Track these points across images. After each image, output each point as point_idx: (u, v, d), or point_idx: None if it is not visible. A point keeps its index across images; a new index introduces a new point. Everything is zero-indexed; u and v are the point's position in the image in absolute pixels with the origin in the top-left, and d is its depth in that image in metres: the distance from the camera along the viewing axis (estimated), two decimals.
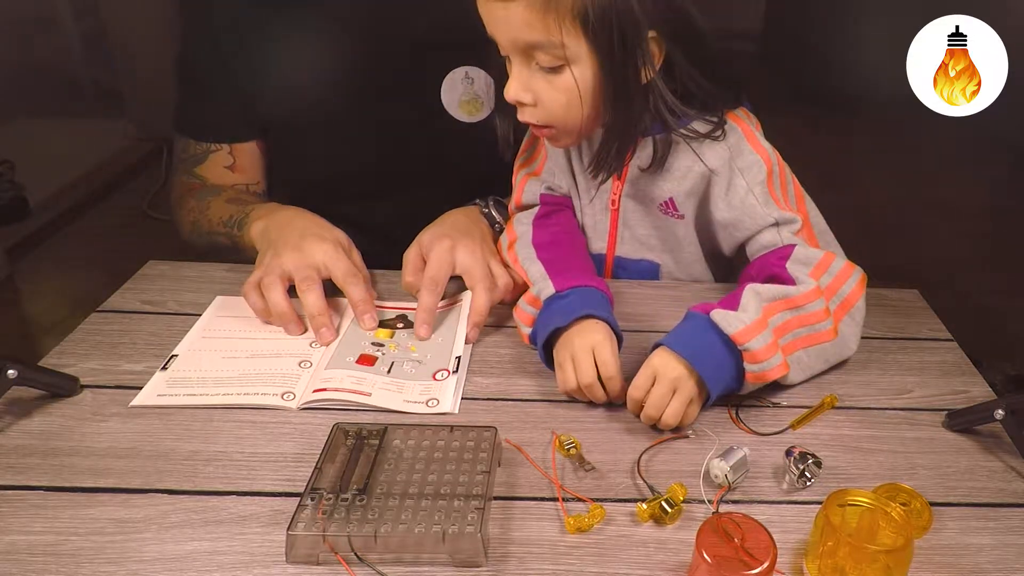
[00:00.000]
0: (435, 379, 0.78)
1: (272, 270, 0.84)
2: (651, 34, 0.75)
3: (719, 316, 0.73)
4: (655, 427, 0.72)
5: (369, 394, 0.75)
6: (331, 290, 0.86)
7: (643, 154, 0.86)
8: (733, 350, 0.72)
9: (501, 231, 0.97)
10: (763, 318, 0.74)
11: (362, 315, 0.84)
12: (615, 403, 0.75)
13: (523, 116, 0.81)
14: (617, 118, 0.79)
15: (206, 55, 1.01)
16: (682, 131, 0.83)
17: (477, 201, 0.99)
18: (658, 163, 0.85)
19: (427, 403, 0.75)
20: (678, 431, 0.72)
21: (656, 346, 0.73)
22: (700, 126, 0.84)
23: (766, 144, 0.86)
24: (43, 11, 2.91)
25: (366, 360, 0.80)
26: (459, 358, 0.81)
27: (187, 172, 1.06)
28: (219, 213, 1.00)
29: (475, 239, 0.90)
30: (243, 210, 0.97)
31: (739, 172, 0.85)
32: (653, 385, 0.71)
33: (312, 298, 0.82)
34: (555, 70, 0.76)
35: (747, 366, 0.72)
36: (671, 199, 0.89)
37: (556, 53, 0.74)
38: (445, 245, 0.87)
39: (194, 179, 1.06)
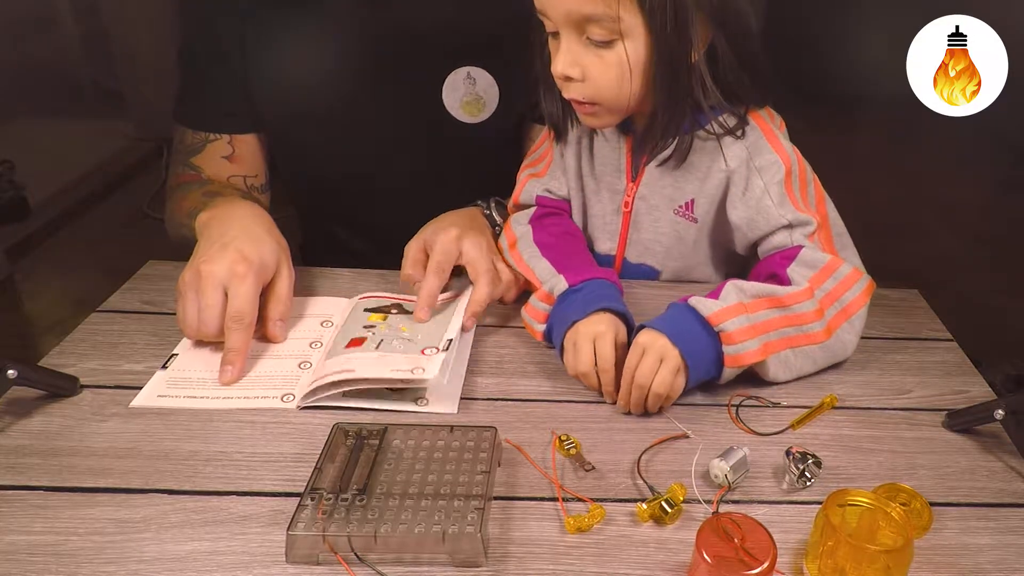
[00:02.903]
0: (423, 354, 0.77)
1: (188, 284, 0.78)
2: (699, 16, 0.75)
3: (696, 300, 0.75)
4: (647, 413, 0.73)
5: (353, 370, 0.74)
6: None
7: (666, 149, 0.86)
8: (712, 334, 0.74)
9: (502, 232, 0.97)
10: (742, 304, 0.75)
11: (224, 364, 0.77)
12: (608, 400, 0.76)
13: (568, 92, 0.80)
14: (664, 97, 0.79)
15: (207, 44, 1.01)
16: (706, 128, 0.83)
17: (479, 202, 0.99)
18: (679, 157, 0.85)
19: (412, 371, 0.74)
20: (661, 412, 0.73)
21: (639, 329, 0.75)
22: (727, 120, 0.83)
23: (786, 144, 0.86)
24: (43, 11, 2.91)
25: (356, 342, 0.80)
26: (452, 340, 0.80)
27: (184, 163, 1.05)
28: (191, 203, 0.97)
29: (480, 233, 0.90)
30: (209, 202, 0.92)
31: (757, 172, 0.85)
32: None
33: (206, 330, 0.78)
34: (606, 44, 0.76)
35: (724, 349, 0.73)
36: (691, 201, 0.89)
37: (611, 27, 0.74)
38: (452, 235, 0.86)
39: (190, 170, 1.04)
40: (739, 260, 0.95)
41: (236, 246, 0.79)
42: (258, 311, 0.79)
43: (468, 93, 1.03)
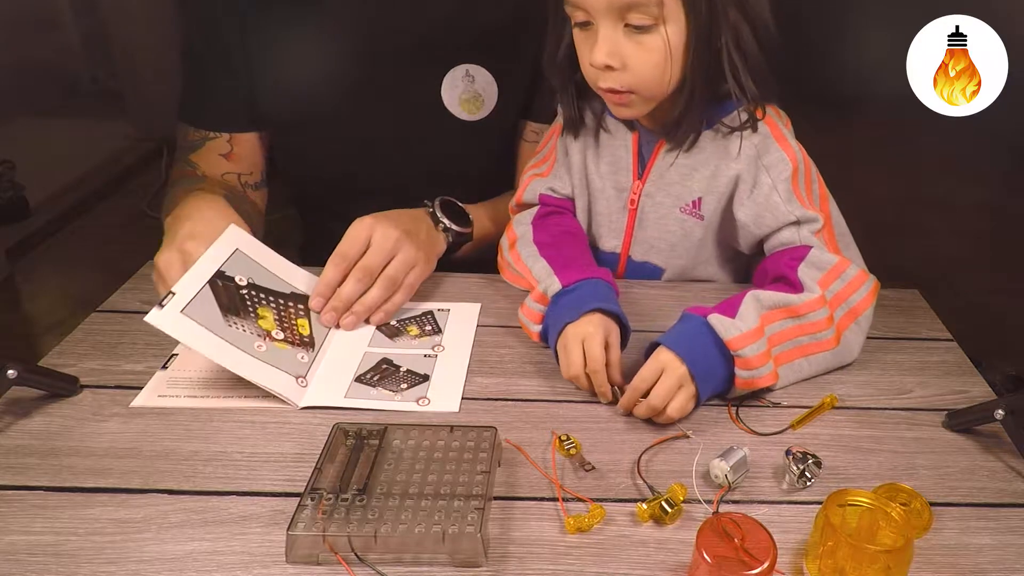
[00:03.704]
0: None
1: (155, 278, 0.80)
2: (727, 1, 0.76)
3: (716, 320, 0.74)
4: (650, 420, 0.73)
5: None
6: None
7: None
8: (726, 354, 0.73)
9: (446, 231, 0.96)
10: (760, 326, 0.74)
11: None
12: (602, 400, 0.76)
13: (606, 82, 0.80)
14: (701, 82, 0.79)
15: (207, 44, 1.01)
16: (723, 120, 0.84)
17: (426, 202, 0.98)
18: (690, 145, 0.86)
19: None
20: (673, 426, 0.73)
21: (655, 344, 0.74)
22: (741, 114, 0.84)
23: (793, 142, 0.86)
24: (43, 11, 2.91)
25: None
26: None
27: (183, 159, 1.05)
28: (176, 201, 0.95)
29: (416, 247, 0.89)
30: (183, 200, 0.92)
31: (764, 169, 0.85)
32: (659, 378, 0.72)
33: None
34: (645, 30, 0.76)
35: (738, 372, 0.73)
36: (698, 199, 0.89)
37: (654, 12, 0.75)
38: (392, 237, 0.86)
39: (187, 166, 1.05)
40: (742, 259, 0.95)
41: (186, 231, 0.81)
42: None
43: (467, 90, 1.03)
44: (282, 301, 0.83)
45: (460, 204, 1.00)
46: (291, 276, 0.87)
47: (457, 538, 0.57)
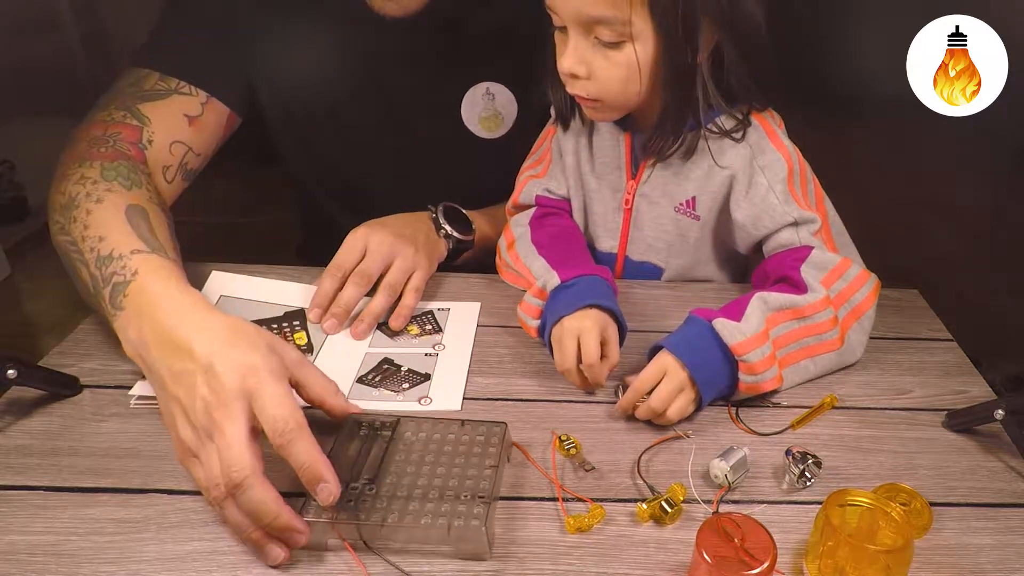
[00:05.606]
0: None
1: (208, 488, 0.58)
2: (706, 20, 0.75)
3: (721, 325, 0.74)
4: (650, 421, 0.73)
5: None
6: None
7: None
8: (730, 359, 0.73)
9: (447, 236, 0.96)
10: (765, 330, 0.74)
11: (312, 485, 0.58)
12: (596, 392, 0.76)
13: (573, 88, 0.81)
14: (670, 98, 0.80)
15: (216, 7, 0.93)
16: (708, 127, 0.83)
17: (429, 206, 0.98)
18: (685, 154, 0.85)
19: None
20: (674, 429, 0.73)
21: (658, 347, 0.74)
22: (726, 121, 0.84)
23: (788, 143, 0.86)
24: (43, 11, 2.91)
25: None
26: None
27: (125, 107, 0.85)
28: (102, 229, 0.71)
29: (424, 256, 0.90)
30: (128, 266, 0.67)
31: (760, 170, 0.85)
32: (660, 381, 0.72)
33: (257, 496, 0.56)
34: (614, 45, 0.76)
35: (742, 377, 0.73)
36: (693, 198, 0.89)
37: (621, 30, 0.75)
38: (409, 253, 0.87)
39: (131, 119, 0.85)
40: (742, 259, 0.95)
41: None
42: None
43: (486, 109, 1.03)
44: (275, 325, 0.84)
45: (463, 210, 1.00)
46: (283, 296, 0.88)
47: (462, 531, 0.57)
